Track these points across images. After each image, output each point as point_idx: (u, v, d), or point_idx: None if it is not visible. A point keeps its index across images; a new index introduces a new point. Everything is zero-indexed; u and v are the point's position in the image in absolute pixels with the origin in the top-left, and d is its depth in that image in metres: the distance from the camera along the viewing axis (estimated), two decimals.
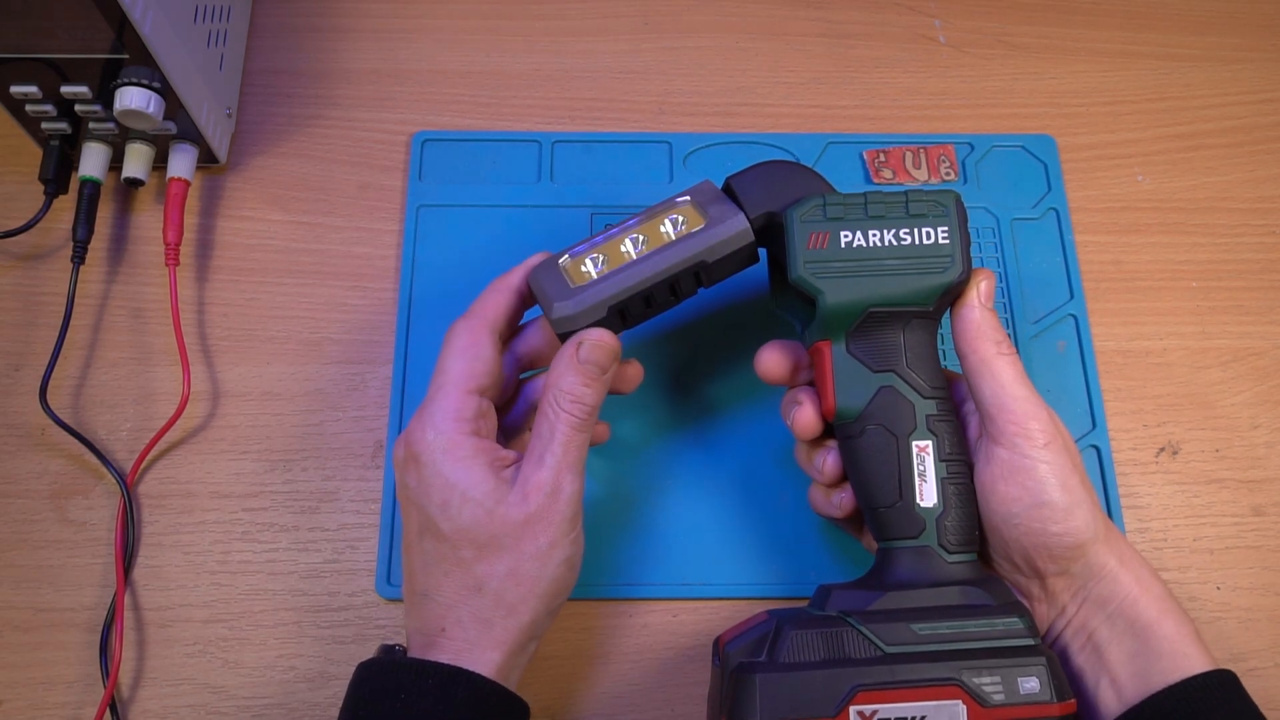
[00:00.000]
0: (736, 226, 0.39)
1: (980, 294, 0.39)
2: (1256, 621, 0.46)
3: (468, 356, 0.39)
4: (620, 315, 0.39)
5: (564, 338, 0.39)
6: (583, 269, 0.39)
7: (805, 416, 0.41)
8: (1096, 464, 0.48)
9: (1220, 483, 0.48)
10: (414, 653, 0.37)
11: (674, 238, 0.40)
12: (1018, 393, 0.38)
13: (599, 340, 0.38)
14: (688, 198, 0.41)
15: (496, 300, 0.40)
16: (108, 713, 0.43)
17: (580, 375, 0.38)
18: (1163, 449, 0.49)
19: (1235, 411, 0.50)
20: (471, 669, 0.36)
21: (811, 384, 0.41)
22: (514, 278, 0.41)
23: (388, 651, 0.38)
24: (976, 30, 0.58)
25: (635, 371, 0.43)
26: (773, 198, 0.40)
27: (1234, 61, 0.58)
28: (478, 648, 0.37)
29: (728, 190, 0.41)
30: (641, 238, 0.40)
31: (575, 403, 0.38)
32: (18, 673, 0.44)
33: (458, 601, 0.37)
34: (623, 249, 0.40)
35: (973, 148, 0.54)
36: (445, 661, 0.36)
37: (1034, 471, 0.37)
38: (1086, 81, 0.57)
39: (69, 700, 0.43)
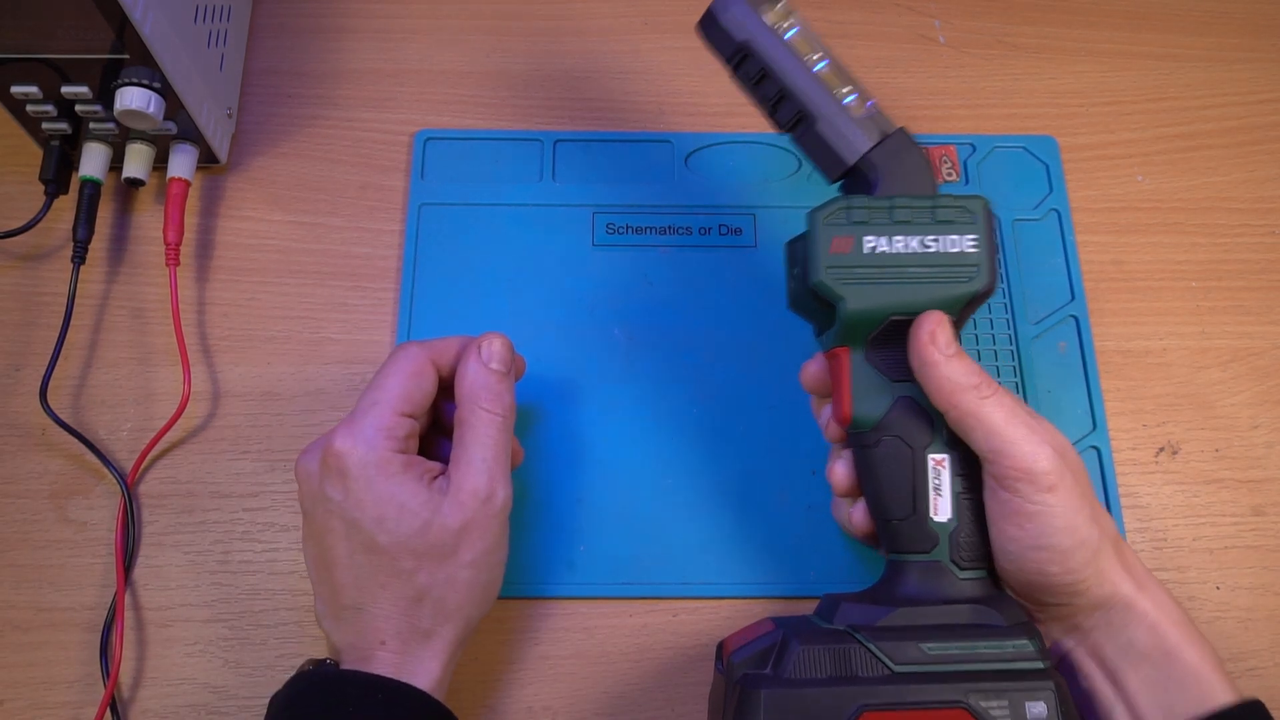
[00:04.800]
0: (853, 144, 0.39)
1: (939, 345, 0.36)
2: (1256, 621, 0.46)
3: (412, 380, 0.39)
4: (749, 62, 0.40)
5: (708, 27, 0.40)
6: (782, 18, 0.40)
7: (832, 424, 0.41)
8: (1097, 464, 0.48)
9: (1220, 483, 0.48)
10: (350, 666, 0.37)
11: (821, 82, 0.39)
12: (1014, 434, 0.35)
13: (496, 339, 0.40)
14: (870, 100, 0.40)
15: (451, 344, 0.41)
16: (108, 712, 0.43)
17: (491, 375, 0.39)
18: (1162, 449, 0.49)
19: (1235, 411, 0.50)
20: (413, 683, 0.36)
21: None
22: (472, 344, 0.41)
23: (319, 666, 0.38)
24: (976, 30, 0.58)
25: (521, 362, 0.44)
26: (893, 174, 0.38)
27: (1234, 61, 0.58)
28: (418, 660, 0.37)
29: (892, 138, 0.39)
30: (821, 60, 0.40)
31: (494, 401, 0.39)
32: (18, 672, 0.44)
33: (396, 613, 0.37)
34: (810, 47, 0.40)
35: (974, 148, 0.54)
36: (388, 675, 0.36)
37: (1036, 516, 0.35)
38: (1086, 81, 0.57)
39: (69, 700, 0.44)
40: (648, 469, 0.47)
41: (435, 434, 0.43)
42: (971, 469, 0.38)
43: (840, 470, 0.41)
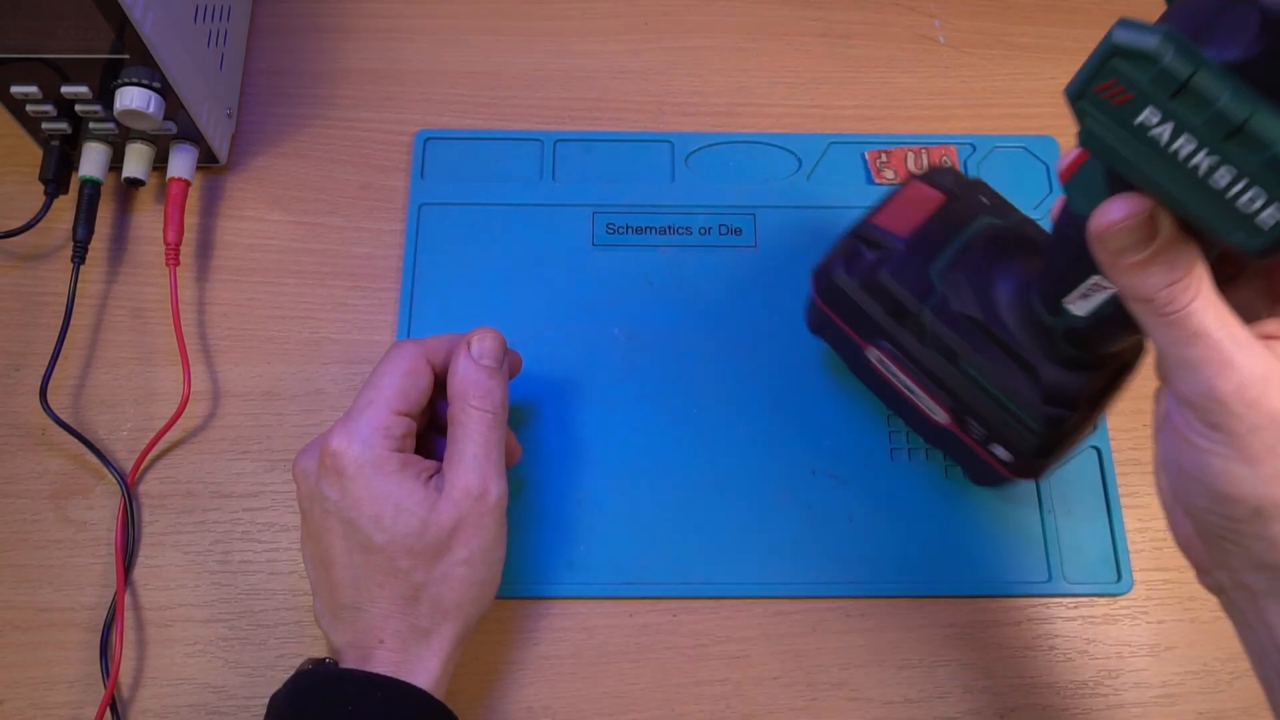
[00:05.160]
0: None
1: (1113, 246, 0.28)
2: None
3: (407, 379, 0.39)
4: None
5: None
6: None
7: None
8: (1097, 464, 0.48)
9: None
10: (349, 665, 0.37)
11: None
12: (1202, 351, 0.28)
13: (487, 336, 0.40)
14: None
15: (445, 342, 0.41)
16: (108, 712, 0.43)
17: (481, 371, 0.39)
18: None
19: None
20: (413, 681, 0.36)
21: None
22: (463, 341, 0.41)
23: (319, 665, 0.38)
24: (976, 30, 0.58)
25: (516, 358, 0.44)
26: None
27: None
28: (417, 659, 0.37)
29: None
30: None
31: (484, 398, 0.39)
32: (18, 672, 0.44)
33: (394, 612, 0.37)
34: None
35: (975, 148, 0.54)
36: (387, 674, 0.36)
37: (1191, 447, 0.29)
38: None
39: (69, 700, 0.44)
40: (648, 469, 0.47)
41: (432, 432, 0.43)
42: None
43: (1056, 205, 0.35)
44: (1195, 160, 0.26)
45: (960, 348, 0.39)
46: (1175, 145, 0.26)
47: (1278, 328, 0.30)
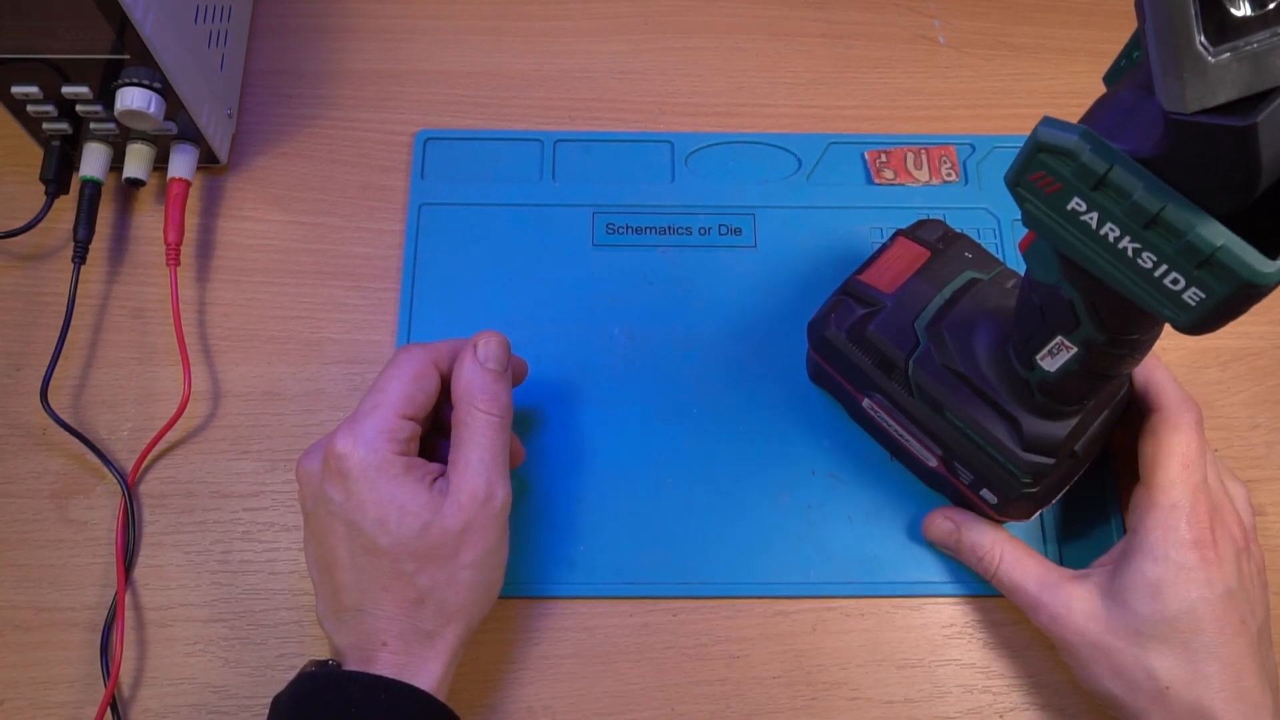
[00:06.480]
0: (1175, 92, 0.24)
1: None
2: None
3: (414, 382, 0.39)
4: None
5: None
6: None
7: None
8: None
9: None
10: (352, 667, 0.37)
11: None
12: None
13: (492, 340, 0.40)
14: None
15: (449, 346, 0.41)
16: (108, 712, 0.43)
17: (487, 375, 0.39)
18: None
19: (1234, 411, 0.50)
20: (416, 683, 0.36)
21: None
22: (468, 344, 0.41)
23: (321, 667, 0.38)
24: (976, 31, 0.58)
25: (522, 365, 0.44)
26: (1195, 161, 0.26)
27: None
28: (421, 661, 0.37)
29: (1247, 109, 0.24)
30: None
31: (490, 401, 0.39)
32: (18, 672, 0.44)
33: (399, 614, 0.37)
34: None
35: (974, 148, 0.54)
36: (391, 676, 0.36)
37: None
38: (1086, 81, 0.57)
39: (70, 699, 0.44)
40: (648, 469, 0.47)
41: (436, 435, 0.43)
42: (1095, 364, 0.36)
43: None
44: (1122, 244, 0.29)
45: (945, 399, 0.41)
46: (1103, 230, 0.29)
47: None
